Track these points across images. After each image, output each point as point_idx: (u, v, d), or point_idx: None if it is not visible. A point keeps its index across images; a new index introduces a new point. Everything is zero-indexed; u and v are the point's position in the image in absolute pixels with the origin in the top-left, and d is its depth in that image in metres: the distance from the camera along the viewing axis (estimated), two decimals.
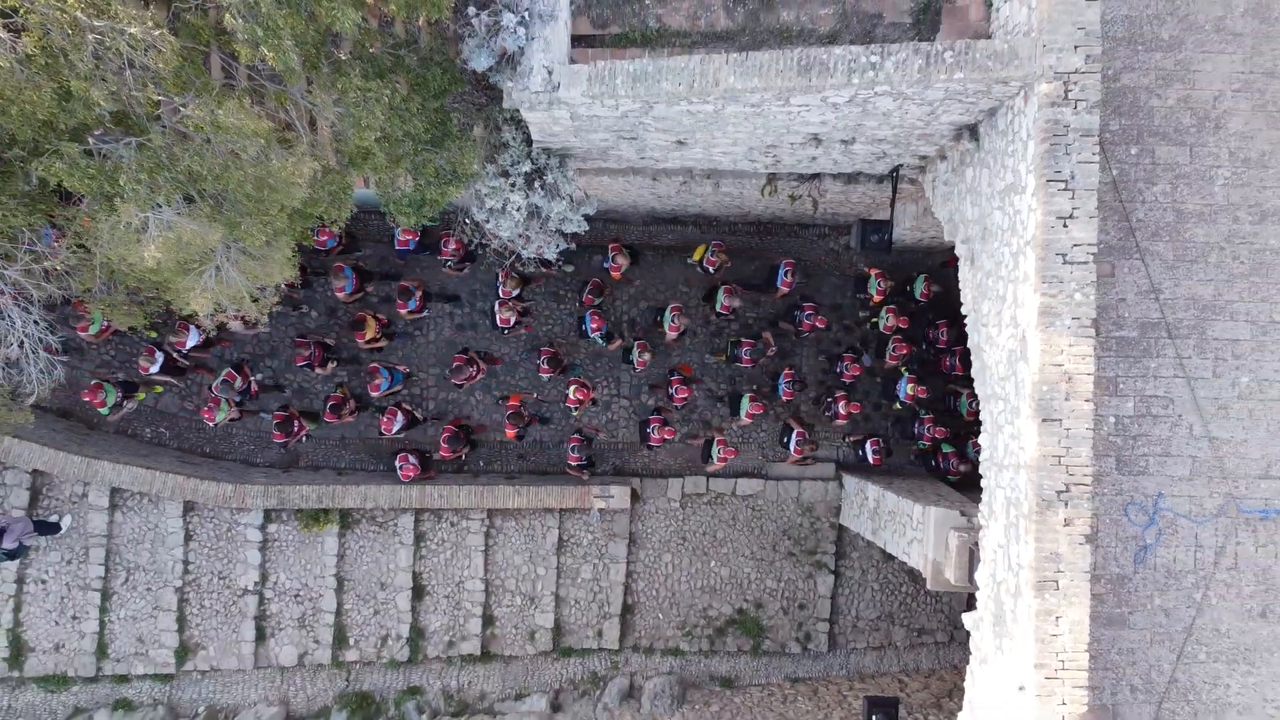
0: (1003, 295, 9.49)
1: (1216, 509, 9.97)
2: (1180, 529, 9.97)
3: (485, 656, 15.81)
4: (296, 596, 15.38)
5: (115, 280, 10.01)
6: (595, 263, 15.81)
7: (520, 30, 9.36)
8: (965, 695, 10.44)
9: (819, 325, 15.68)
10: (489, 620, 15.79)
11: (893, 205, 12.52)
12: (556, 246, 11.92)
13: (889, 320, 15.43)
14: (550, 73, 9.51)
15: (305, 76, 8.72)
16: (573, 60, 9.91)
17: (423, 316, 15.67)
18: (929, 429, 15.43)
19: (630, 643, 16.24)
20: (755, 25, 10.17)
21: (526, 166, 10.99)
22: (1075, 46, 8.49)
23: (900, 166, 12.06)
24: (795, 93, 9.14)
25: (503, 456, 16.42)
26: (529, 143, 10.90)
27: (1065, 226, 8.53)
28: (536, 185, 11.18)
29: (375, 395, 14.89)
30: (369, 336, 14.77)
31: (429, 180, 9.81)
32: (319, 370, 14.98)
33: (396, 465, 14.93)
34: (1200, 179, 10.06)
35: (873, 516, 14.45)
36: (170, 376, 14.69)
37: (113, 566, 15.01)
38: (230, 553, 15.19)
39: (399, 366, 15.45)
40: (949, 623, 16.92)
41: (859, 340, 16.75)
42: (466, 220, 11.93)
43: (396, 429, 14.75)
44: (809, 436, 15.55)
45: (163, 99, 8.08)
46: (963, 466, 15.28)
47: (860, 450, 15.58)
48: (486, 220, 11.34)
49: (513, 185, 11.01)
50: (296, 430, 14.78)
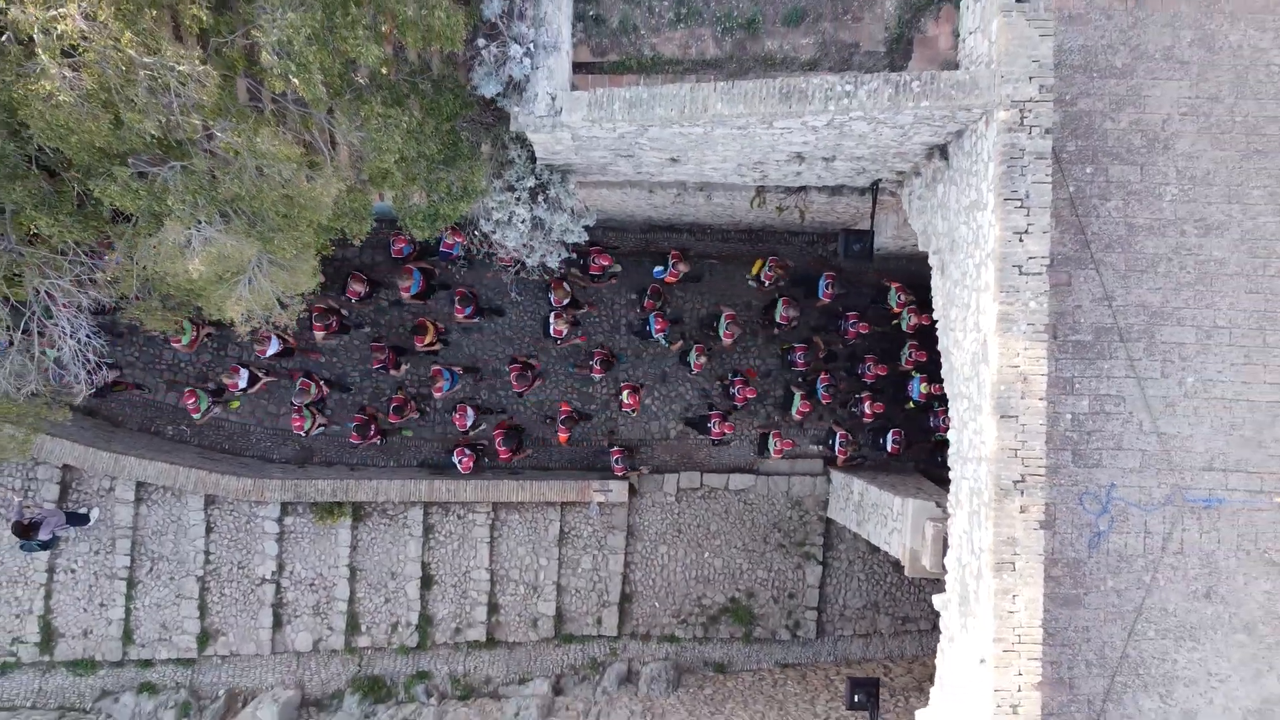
0: (968, 303, 10.27)
1: (1164, 498, 10.76)
2: (1131, 517, 10.76)
3: (490, 643, 16.57)
4: (311, 585, 16.15)
5: (150, 288, 10.84)
6: (645, 268, 16.44)
7: (526, 60, 10.18)
8: (936, 672, 11.23)
9: (863, 332, 16.49)
10: (494, 608, 16.55)
11: (873, 216, 13.26)
12: (559, 256, 12.70)
13: (911, 320, 16.11)
14: (553, 99, 10.33)
15: (329, 105, 9.53)
16: (574, 87, 10.71)
17: (474, 322, 16.37)
18: (943, 420, 16.16)
19: (628, 630, 16.97)
20: (741, 54, 10.99)
21: (531, 182, 11.73)
22: (1030, 77, 9.28)
23: (880, 180, 12.82)
24: (777, 118, 9.96)
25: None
26: (533, 160, 11.63)
27: (1021, 241, 9.32)
28: (540, 199, 11.93)
29: (438, 396, 15.71)
30: (428, 341, 15.60)
31: (442, 196, 10.63)
32: (393, 372, 15.88)
33: (455, 460, 15.71)
34: (1150, 195, 10.87)
35: (858, 509, 15.22)
36: (255, 387, 15.46)
37: (138, 557, 15.78)
38: (249, 544, 15.98)
39: (455, 367, 16.15)
40: (932, 611, 17.43)
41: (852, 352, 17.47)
42: (475, 231, 12.74)
43: (469, 424, 15.73)
44: (851, 439, 16.51)
45: (200, 123, 8.88)
46: None
47: (881, 440, 16.44)
48: (493, 231, 12.09)
49: (518, 199, 11.75)
50: (373, 433, 15.66)
